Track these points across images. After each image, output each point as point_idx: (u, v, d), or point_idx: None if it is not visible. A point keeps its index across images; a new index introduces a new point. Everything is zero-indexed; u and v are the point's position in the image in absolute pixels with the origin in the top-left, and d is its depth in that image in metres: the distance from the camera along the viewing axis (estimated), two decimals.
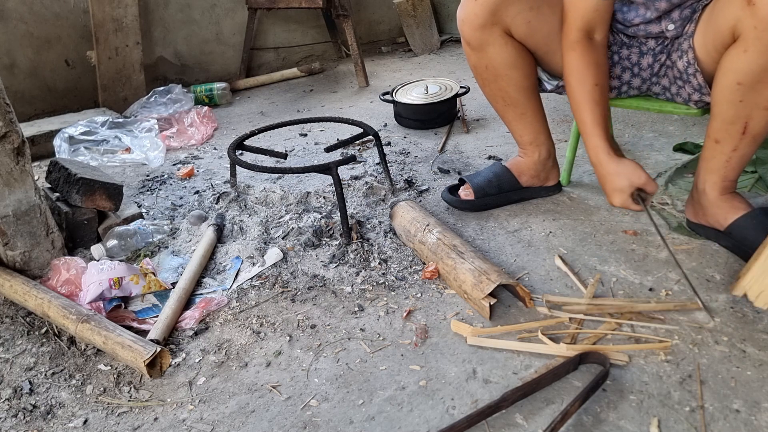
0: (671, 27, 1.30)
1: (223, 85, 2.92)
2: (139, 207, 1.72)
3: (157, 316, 1.28)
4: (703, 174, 1.31)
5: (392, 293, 1.32)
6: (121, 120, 2.30)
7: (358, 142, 2.02)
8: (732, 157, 1.24)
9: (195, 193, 1.90)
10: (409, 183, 1.80)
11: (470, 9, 1.38)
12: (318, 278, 1.38)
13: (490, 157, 1.97)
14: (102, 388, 1.13)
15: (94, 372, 1.17)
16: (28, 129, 2.25)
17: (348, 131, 2.29)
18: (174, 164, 2.18)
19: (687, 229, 1.41)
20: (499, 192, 1.59)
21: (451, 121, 2.32)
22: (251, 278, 1.40)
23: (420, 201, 1.70)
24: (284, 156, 1.80)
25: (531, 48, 1.42)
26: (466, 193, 1.60)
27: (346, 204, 1.56)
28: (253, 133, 1.83)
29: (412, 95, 2.31)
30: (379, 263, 1.41)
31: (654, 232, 1.43)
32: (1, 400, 1.12)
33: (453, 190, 1.64)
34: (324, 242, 1.49)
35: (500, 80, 1.46)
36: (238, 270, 1.44)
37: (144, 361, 1.09)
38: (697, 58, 1.26)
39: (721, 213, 1.31)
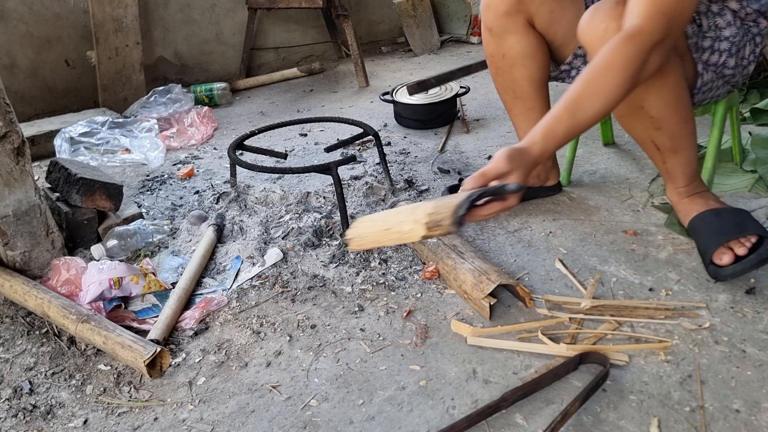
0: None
1: (223, 85, 2.92)
2: (139, 207, 1.72)
3: (157, 316, 1.28)
4: (665, 181, 1.38)
5: (392, 293, 1.32)
6: (121, 120, 2.30)
7: (358, 142, 2.02)
8: (668, 168, 1.30)
9: (195, 193, 1.90)
10: (409, 183, 1.80)
11: None
12: (318, 278, 1.38)
13: (489, 157, 1.97)
14: (102, 388, 1.13)
15: (94, 372, 1.17)
16: (28, 129, 2.25)
17: (348, 131, 2.29)
18: (174, 164, 2.18)
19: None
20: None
21: (451, 121, 2.32)
22: (251, 278, 1.40)
23: (420, 201, 1.70)
24: (284, 156, 1.80)
25: (548, 39, 1.43)
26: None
27: (346, 204, 1.56)
28: (253, 133, 1.83)
29: (412, 95, 2.30)
30: (379, 263, 1.41)
31: (654, 231, 1.43)
32: (1, 400, 1.12)
33: (453, 190, 1.63)
34: (324, 242, 1.49)
35: (515, 70, 1.46)
36: (238, 270, 1.44)
37: (144, 361, 1.09)
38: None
39: (683, 216, 1.36)
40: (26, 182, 1.36)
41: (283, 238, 1.51)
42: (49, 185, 1.63)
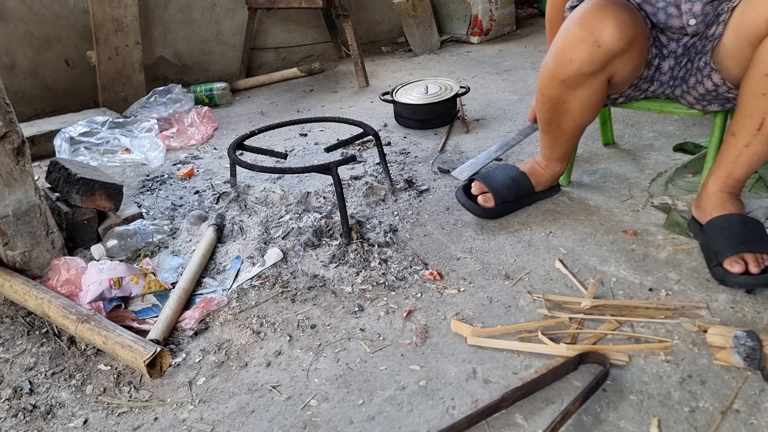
0: (693, 22, 1.26)
1: (223, 85, 2.92)
2: (139, 207, 1.72)
3: (157, 316, 1.28)
4: (713, 168, 1.31)
5: (392, 293, 1.32)
6: (121, 120, 2.30)
7: (358, 142, 2.02)
8: (743, 152, 1.22)
9: (195, 193, 1.90)
10: (409, 183, 1.80)
11: (586, 55, 1.24)
12: (318, 278, 1.38)
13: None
14: (102, 388, 1.13)
15: (94, 372, 1.17)
16: (28, 129, 2.25)
17: (348, 131, 2.29)
18: (174, 164, 2.18)
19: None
20: (517, 198, 1.56)
21: (451, 121, 2.32)
22: (251, 278, 1.40)
23: (420, 201, 1.70)
24: (284, 156, 1.80)
25: (612, 84, 1.36)
26: (484, 198, 1.53)
27: (346, 204, 1.56)
28: (253, 133, 1.83)
29: (412, 95, 2.31)
30: (379, 263, 1.41)
31: (654, 231, 1.43)
32: (1, 400, 1.12)
33: (465, 189, 1.58)
34: (324, 242, 1.49)
35: (569, 115, 1.40)
36: (238, 270, 1.44)
37: (144, 361, 1.09)
38: (722, 59, 1.23)
39: (709, 208, 1.30)
40: (26, 182, 1.36)
41: (283, 238, 1.51)
42: (49, 185, 1.63)
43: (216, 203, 1.73)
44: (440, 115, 2.29)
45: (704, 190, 1.33)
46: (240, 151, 1.96)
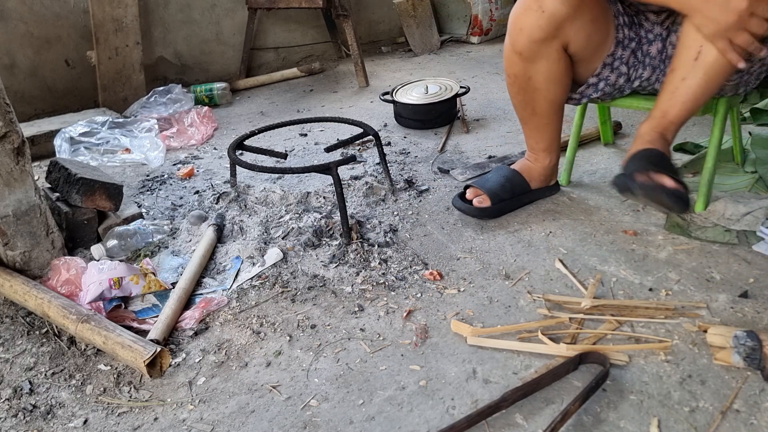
0: None
1: (223, 85, 2.92)
2: (139, 207, 1.72)
3: (157, 316, 1.28)
4: (650, 112, 1.29)
5: (392, 293, 1.32)
6: (121, 120, 2.30)
7: (358, 142, 2.02)
8: (679, 87, 1.21)
9: (195, 193, 1.90)
10: (409, 183, 1.80)
11: (533, 21, 1.29)
12: (318, 278, 1.38)
13: (490, 157, 1.97)
14: (102, 388, 1.13)
15: (94, 372, 1.17)
16: (28, 129, 2.25)
17: (348, 131, 2.29)
18: (174, 164, 2.18)
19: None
20: (513, 196, 1.56)
21: (451, 121, 2.32)
22: (251, 278, 1.40)
23: (420, 201, 1.70)
24: (284, 156, 1.80)
25: (576, 59, 1.38)
26: (479, 200, 1.54)
27: (346, 204, 1.56)
28: (253, 133, 1.83)
29: (412, 95, 2.31)
30: (379, 263, 1.41)
31: (654, 231, 1.43)
32: (1, 400, 1.12)
33: (461, 196, 1.58)
34: (324, 242, 1.49)
35: (538, 93, 1.42)
36: (238, 270, 1.44)
37: (144, 361, 1.09)
38: None
39: (636, 147, 1.25)
40: (26, 182, 1.36)
41: (283, 238, 1.51)
42: (49, 185, 1.63)
43: (216, 203, 1.73)
44: (440, 115, 2.29)
45: (636, 133, 1.30)
46: (240, 151, 1.96)
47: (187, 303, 1.33)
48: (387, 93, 2.39)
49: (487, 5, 3.60)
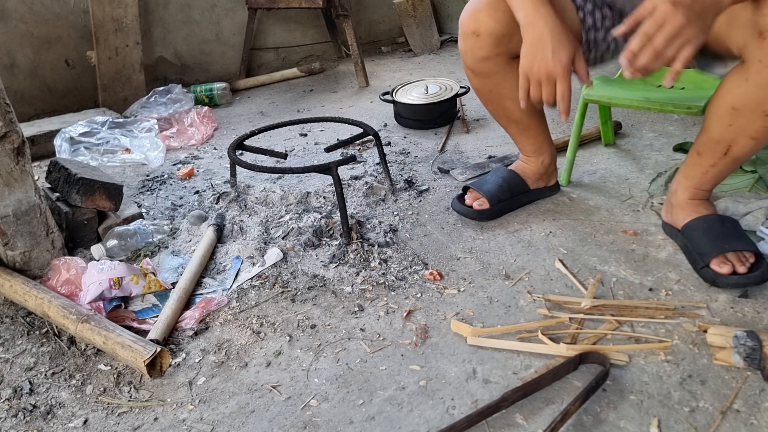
0: None
1: (223, 85, 2.92)
2: (139, 207, 1.72)
3: (157, 316, 1.28)
4: (679, 176, 1.35)
5: (392, 293, 1.32)
6: (121, 120, 2.30)
7: (358, 142, 2.02)
8: (709, 171, 1.27)
9: (195, 193, 1.90)
10: (409, 183, 1.80)
11: (472, 44, 1.35)
12: (318, 278, 1.38)
13: (490, 157, 1.97)
14: (102, 388, 1.13)
15: (94, 372, 1.17)
16: (28, 129, 2.25)
17: (348, 131, 2.29)
18: (174, 164, 2.18)
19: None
20: (511, 196, 1.56)
21: (451, 121, 2.32)
22: (251, 278, 1.40)
23: (420, 201, 1.70)
24: (284, 156, 1.80)
25: None
26: (479, 202, 1.54)
27: (346, 204, 1.56)
28: (253, 133, 1.83)
29: (412, 95, 2.31)
30: (379, 263, 1.41)
31: (654, 231, 1.43)
32: (1, 400, 1.12)
33: (460, 198, 1.58)
34: (324, 242, 1.49)
35: (504, 101, 1.44)
36: (238, 270, 1.44)
37: (144, 361, 1.09)
38: None
39: (683, 214, 1.33)
40: (26, 182, 1.36)
41: (283, 238, 1.51)
42: (49, 185, 1.63)
43: (216, 203, 1.73)
44: (440, 115, 2.29)
45: (674, 197, 1.36)
46: (240, 151, 1.96)
47: (187, 303, 1.33)
48: (387, 93, 2.39)
49: None
